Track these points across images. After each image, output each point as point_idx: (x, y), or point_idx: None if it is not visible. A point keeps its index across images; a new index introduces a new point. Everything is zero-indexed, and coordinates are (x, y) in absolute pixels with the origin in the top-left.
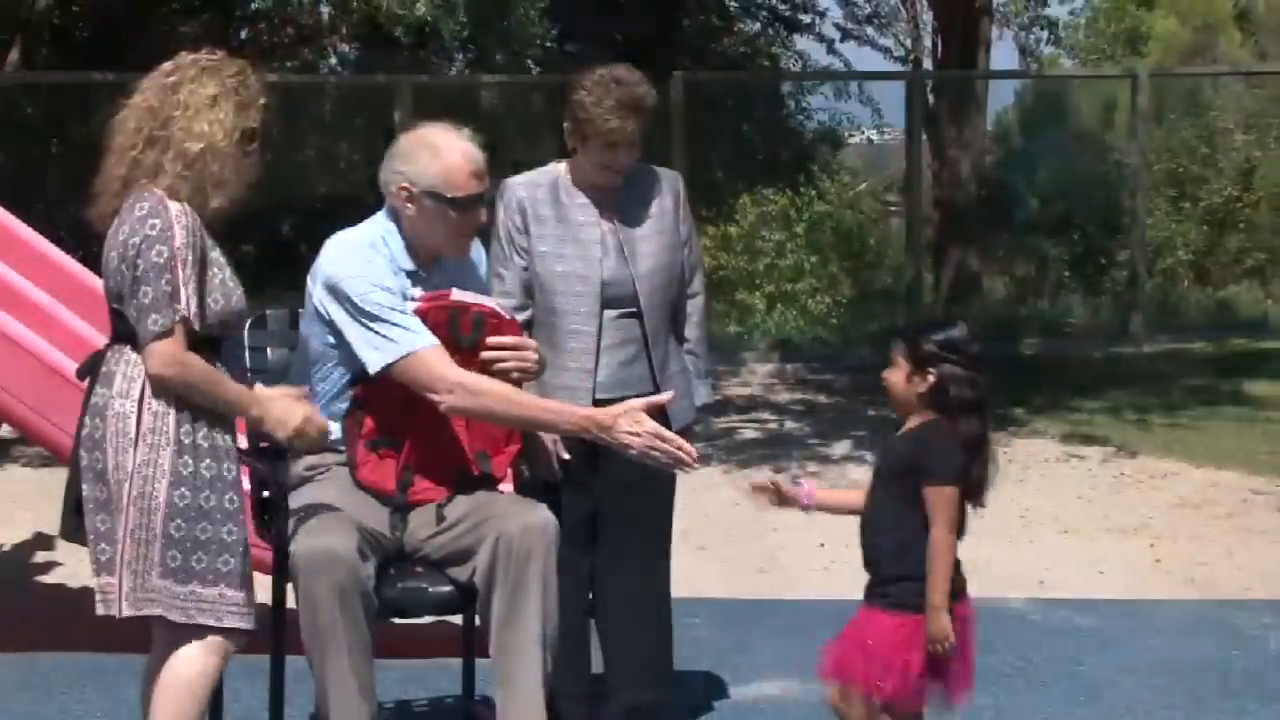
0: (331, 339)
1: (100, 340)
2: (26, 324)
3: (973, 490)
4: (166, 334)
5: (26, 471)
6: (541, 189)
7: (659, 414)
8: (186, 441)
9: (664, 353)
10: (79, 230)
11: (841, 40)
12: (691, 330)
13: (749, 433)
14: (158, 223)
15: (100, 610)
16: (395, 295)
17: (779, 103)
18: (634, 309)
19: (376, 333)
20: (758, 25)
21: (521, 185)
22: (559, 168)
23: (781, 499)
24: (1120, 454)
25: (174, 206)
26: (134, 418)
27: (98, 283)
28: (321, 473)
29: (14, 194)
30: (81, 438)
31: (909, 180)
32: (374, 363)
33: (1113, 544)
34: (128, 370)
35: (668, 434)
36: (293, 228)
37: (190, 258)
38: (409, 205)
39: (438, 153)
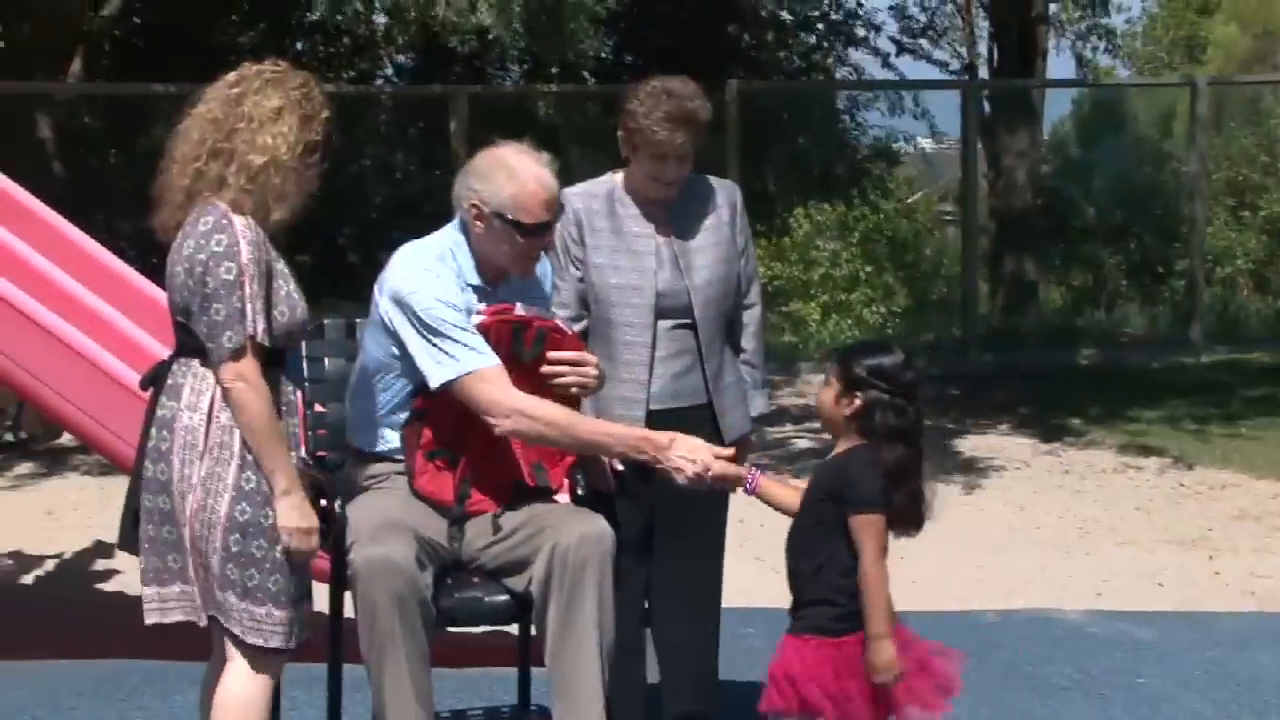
0: (395, 350)
1: (160, 350)
2: (86, 332)
3: (897, 519)
4: (239, 352)
5: (86, 479)
6: (597, 200)
7: (711, 424)
8: (250, 457)
9: (718, 364)
10: (140, 241)
11: (897, 54)
12: (748, 341)
13: (804, 442)
14: (223, 238)
15: (152, 619)
16: (460, 311)
17: (833, 116)
18: (689, 320)
19: (439, 348)
20: (813, 39)
21: (577, 196)
22: (615, 178)
23: (732, 476)
24: (1178, 465)
25: (239, 221)
26: (202, 430)
27: (158, 292)
28: (380, 482)
29: (74, 204)
30: (146, 449)
31: (964, 189)
32: (435, 377)
33: (1171, 555)
34: (195, 383)
35: (719, 465)
36: (348, 238)
37: (257, 273)
38: (478, 223)
39: (514, 176)
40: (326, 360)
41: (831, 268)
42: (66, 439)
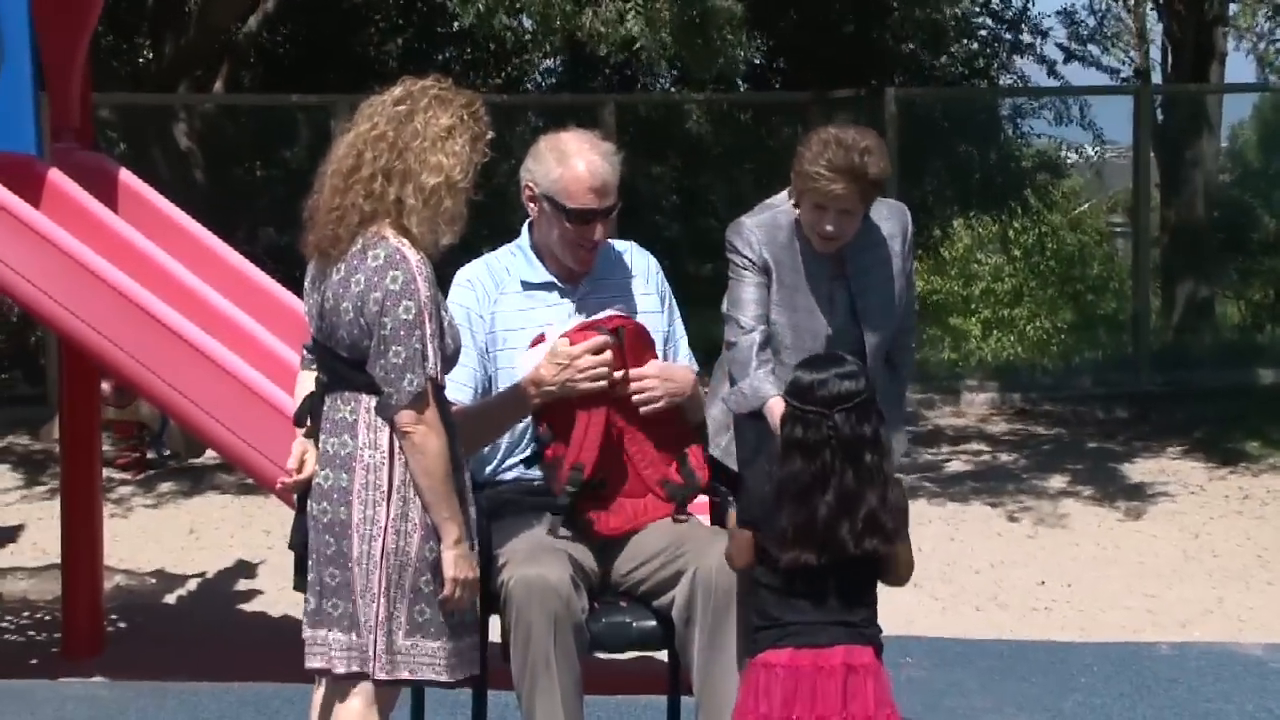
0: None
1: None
2: (229, 346)
3: (778, 542)
4: (420, 396)
5: (228, 498)
6: (781, 231)
7: None
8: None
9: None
10: (281, 253)
11: (1064, 61)
12: (897, 373)
13: (959, 464)
14: (400, 275)
15: (314, 664)
16: (464, 327)
17: (996, 124)
18: (857, 360)
19: None
20: (975, 45)
21: (763, 228)
22: (792, 210)
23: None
24: None
25: (412, 257)
26: (385, 469)
27: (301, 305)
28: (515, 508)
29: (217, 216)
30: (312, 489)
31: (1135, 200)
32: None
33: None
34: (370, 419)
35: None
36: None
37: (435, 310)
38: (532, 205)
39: (564, 159)
40: None
41: (993, 282)
42: (209, 456)
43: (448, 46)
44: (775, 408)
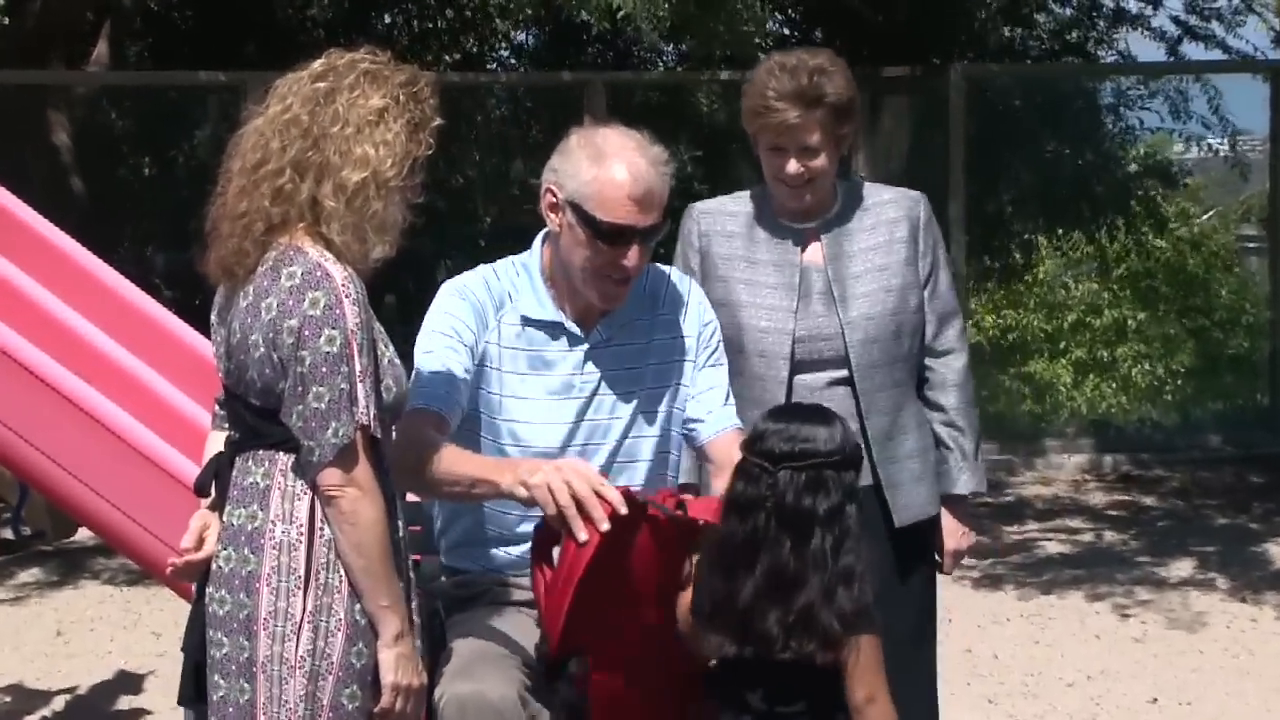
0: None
1: (207, 418)
2: (110, 395)
3: (700, 621)
4: (347, 450)
5: (108, 589)
6: (733, 218)
7: (877, 505)
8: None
9: (889, 423)
10: (179, 276)
11: (1178, 40)
12: (950, 396)
13: (1053, 546)
14: (320, 297)
15: None
16: (450, 337)
17: (1095, 113)
18: (843, 372)
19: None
20: (1068, 11)
21: (704, 211)
22: (758, 192)
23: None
24: None
25: (337, 273)
26: (302, 548)
27: (205, 344)
28: (480, 596)
29: (96, 227)
30: (211, 573)
31: (1273, 207)
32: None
33: None
34: (286, 485)
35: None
36: (450, 271)
37: (365, 341)
38: (553, 215)
39: (600, 158)
40: None
41: (1088, 315)
42: (83, 536)
43: (392, 11)
44: None
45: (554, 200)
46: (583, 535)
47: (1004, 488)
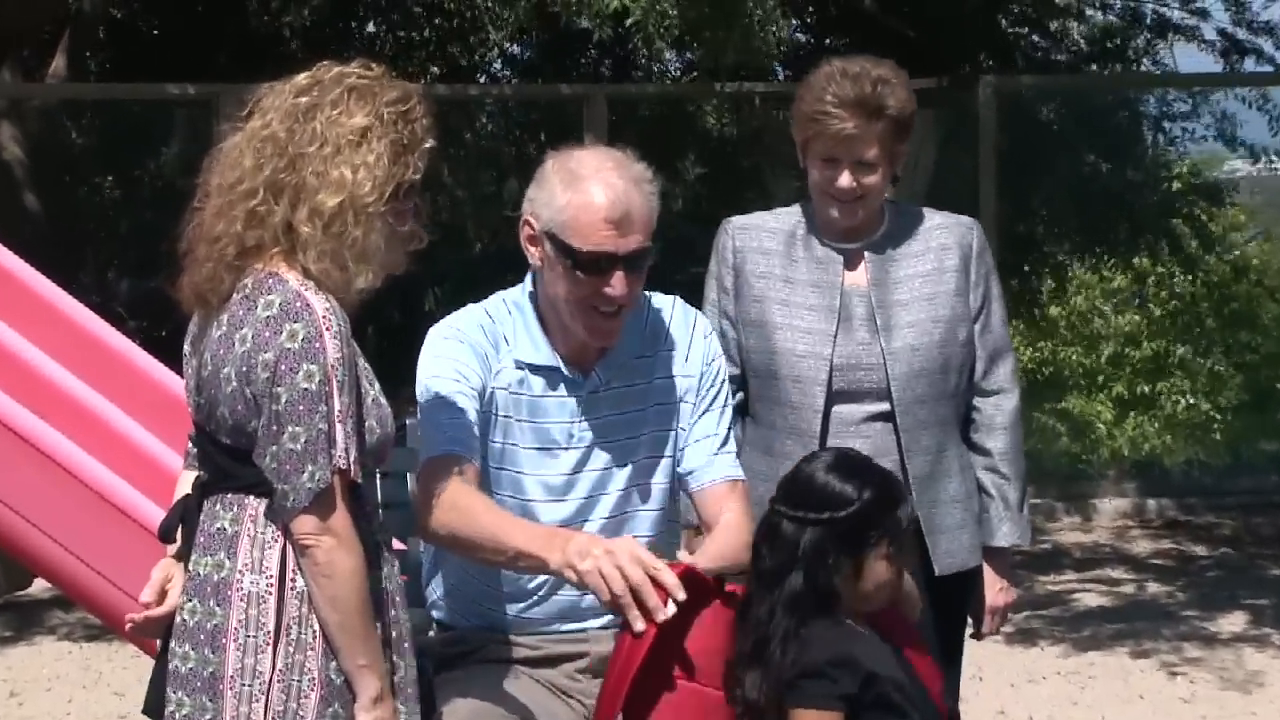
0: None
1: (175, 460)
2: (69, 434)
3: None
4: (324, 495)
5: (65, 646)
6: (771, 235)
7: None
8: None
9: (931, 464)
10: (144, 305)
11: (1226, 53)
12: (997, 440)
13: (1093, 598)
14: (299, 329)
15: None
16: (459, 381)
17: (1136, 129)
18: (884, 406)
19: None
20: (1105, 18)
21: (739, 228)
22: (800, 209)
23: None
24: None
25: (318, 303)
26: (272, 600)
27: (172, 380)
28: (471, 651)
29: (52, 251)
30: (174, 626)
31: None
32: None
33: None
34: (256, 531)
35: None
36: (439, 300)
37: (346, 379)
38: (532, 248)
39: (574, 181)
40: (409, 476)
41: (1128, 347)
42: (39, 587)
43: (375, 20)
44: None
45: (532, 233)
46: (640, 626)
47: (1040, 534)
